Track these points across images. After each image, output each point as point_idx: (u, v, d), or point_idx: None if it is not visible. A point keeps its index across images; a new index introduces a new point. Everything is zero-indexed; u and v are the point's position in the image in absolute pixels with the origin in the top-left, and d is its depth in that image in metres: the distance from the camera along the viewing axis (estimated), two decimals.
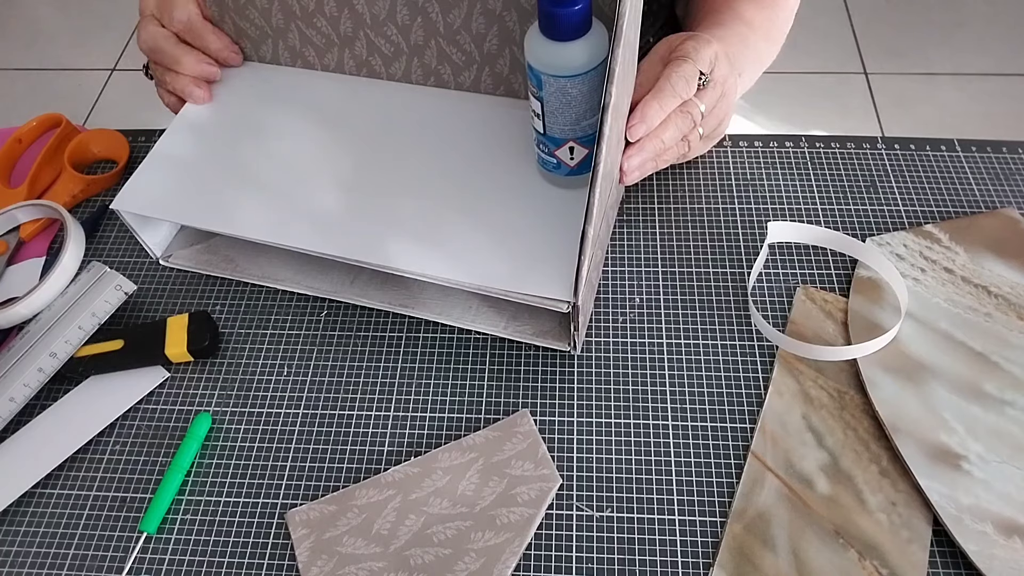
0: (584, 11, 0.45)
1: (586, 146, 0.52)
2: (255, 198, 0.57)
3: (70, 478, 0.54)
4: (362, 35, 0.60)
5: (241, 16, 0.62)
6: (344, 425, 0.54)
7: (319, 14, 0.59)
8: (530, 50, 0.48)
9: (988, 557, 0.46)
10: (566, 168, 0.54)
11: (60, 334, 0.56)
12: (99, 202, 0.68)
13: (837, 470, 0.50)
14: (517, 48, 0.56)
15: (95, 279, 0.59)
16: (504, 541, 0.48)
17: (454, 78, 0.61)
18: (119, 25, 2.10)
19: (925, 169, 0.65)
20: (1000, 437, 0.50)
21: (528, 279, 0.50)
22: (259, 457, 0.54)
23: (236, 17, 0.62)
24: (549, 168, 0.54)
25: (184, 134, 0.61)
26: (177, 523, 0.51)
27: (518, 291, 0.50)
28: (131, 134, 0.72)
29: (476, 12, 0.55)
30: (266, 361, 0.58)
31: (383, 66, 0.62)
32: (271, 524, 0.51)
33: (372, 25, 0.59)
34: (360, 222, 0.55)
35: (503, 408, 0.54)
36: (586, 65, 0.47)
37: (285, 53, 0.64)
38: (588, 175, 0.54)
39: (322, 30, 0.61)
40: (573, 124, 0.50)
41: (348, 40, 0.61)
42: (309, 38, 0.62)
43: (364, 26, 0.59)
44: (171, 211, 0.57)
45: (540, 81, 0.48)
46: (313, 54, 0.63)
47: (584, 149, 0.52)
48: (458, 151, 0.58)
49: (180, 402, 0.56)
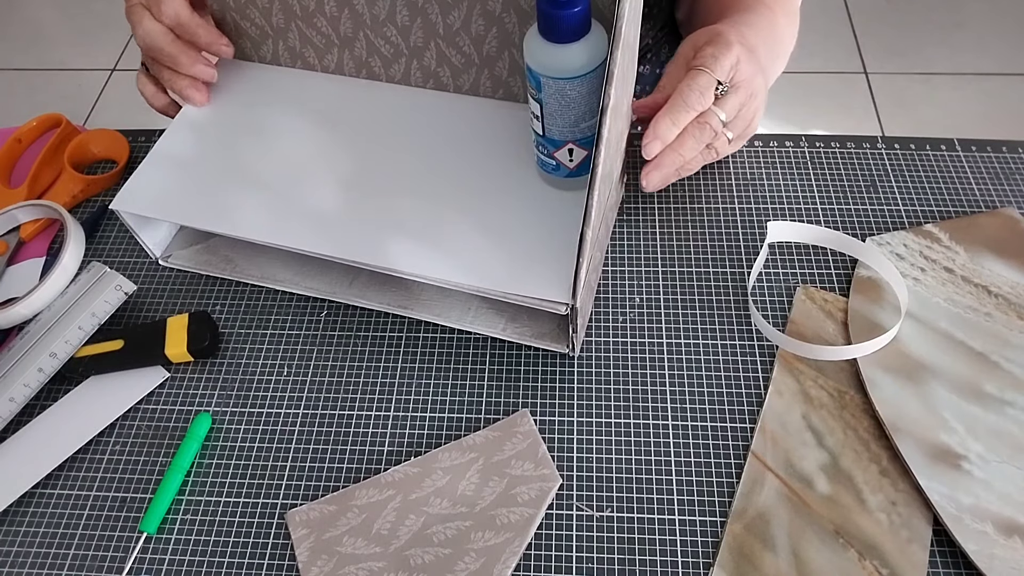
0: (583, 13, 0.45)
1: (585, 148, 0.52)
2: (255, 198, 0.57)
3: (70, 478, 0.54)
4: (362, 36, 0.60)
5: (242, 15, 0.62)
6: (344, 425, 0.54)
7: (319, 14, 0.59)
8: (529, 52, 0.47)
9: (988, 557, 0.46)
10: (565, 170, 0.54)
11: (60, 334, 0.56)
12: (99, 202, 0.68)
13: (837, 470, 0.50)
14: (516, 51, 0.56)
15: (95, 279, 0.59)
16: (504, 541, 0.48)
17: (453, 80, 0.61)
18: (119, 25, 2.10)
19: (925, 169, 0.64)
20: (1000, 437, 0.50)
21: (527, 281, 0.50)
22: (259, 457, 0.54)
23: (237, 16, 0.62)
24: (548, 170, 0.54)
25: (184, 134, 0.61)
26: (177, 523, 0.51)
27: (517, 293, 0.50)
28: (131, 134, 0.72)
29: (476, 14, 0.55)
30: (266, 361, 0.58)
31: (382, 68, 0.62)
32: (271, 524, 0.51)
33: (372, 26, 0.59)
34: (359, 223, 0.55)
35: (503, 408, 0.54)
36: (585, 67, 0.47)
37: (285, 54, 0.64)
38: (587, 176, 0.54)
39: (322, 30, 0.61)
40: (572, 126, 0.50)
41: (348, 41, 0.61)
42: (309, 38, 0.62)
43: (364, 27, 0.59)
44: (170, 211, 0.57)
45: (539, 83, 0.48)
46: (313, 55, 0.63)
47: (583, 151, 0.52)
48: (457, 153, 0.58)
49: (180, 402, 0.56)
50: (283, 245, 0.54)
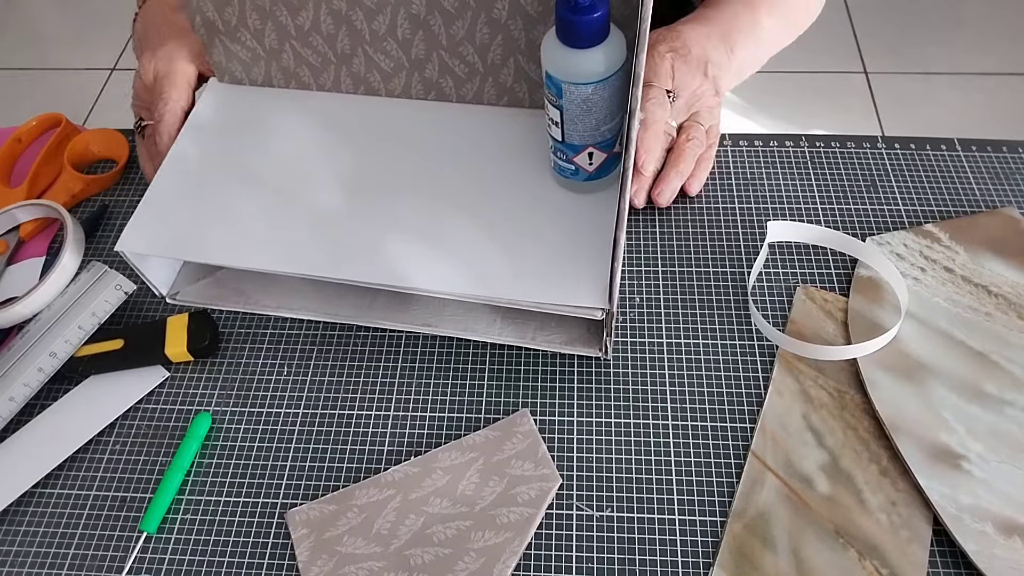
0: (604, 16, 0.44)
1: (605, 151, 0.52)
2: (262, 227, 0.55)
3: (70, 478, 0.54)
4: (360, 52, 0.58)
5: (232, 39, 0.60)
6: (344, 425, 0.54)
7: (315, 32, 0.57)
8: (549, 59, 0.47)
9: (988, 556, 0.46)
10: (584, 174, 0.53)
11: (60, 334, 0.56)
12: (99, 202, 0.68)
13: (837, 470, 0.50)
14: (522, 56, 0.56)
15: (95, 279, 0.59)
16: (504, 541, 0.48)
17: (456, 91, 0.59)
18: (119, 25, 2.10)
19: (925, 168, 0.64)
20: (1000, 437, 0.50)
21: (559, 288, 0.50)
22: (259, 457, 0.54)
23: (227, 40, 0.60)
24: (567, 175, 0.54)
25: (180, 167, 0.59)
26: (177, 523, 0.51)
27: (550, 302, 0.50)
28: (131, 133, 0.72)
29: (480, 22, 0.54)
30: (266, 361, 0.58)
31: (382, 82, 0.60)
32: (271, 524, 0.51)
33: (371, 41, 0.57)
34: (374, 243, 0.53)
35: (503, 408, 0.54)
36: (608, 70, 0.46)
37: (278, 74, 0.62)
38: (606, 179, 0.54)
39: (318, 49, 0.59)
40: (593, 130, 0.50)
41: (346, 58, 0.59)
42: (304, 58, 0.60)
43: (363, 43, 0.57)
44: (176, 248, 0.55)
45: (560, 89, 0.47)
46: (308, 74, 0.61)
47: (603, 154, 0.52)
48: (468, 165, 0.57)
49: (180, 402, 0.56)
50: (299, 273, 0.52)
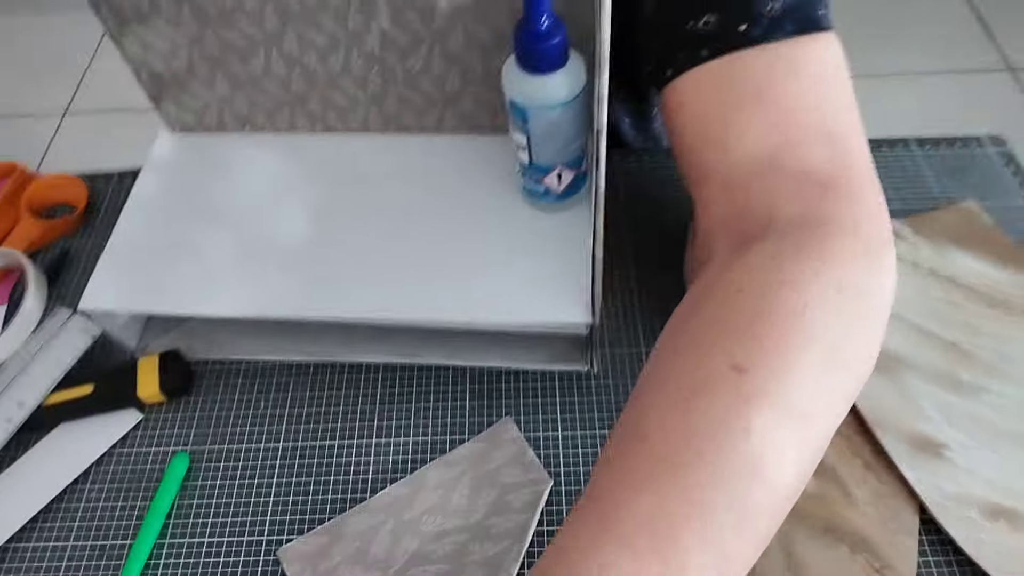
0: (564, 42, 0.45)
1: (573, 168, 0.52)
2: (230, 270, 0.54)
3: (45, 529, 0.52)
4: (315, 92, 0.57)
5: (183, 90, 0.58)
6: (328, 455, 0.54)
7: (267, 77, 0.56)
8: (512, 87, 0.47)
9: (976, 542, 0.47)
10: (553, 195, 0.53)
11: (27, 383, 0.55)
12: (59, 246, 0.66)
13: (822, 467, 0.50)
14: (481, 85, 0.55)
15: (60, 324, 0.57)
16: (503, 549, 0.47)
17: (417, 121, 0.59)
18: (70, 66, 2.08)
19: (882, 167, 0.65)
20: (978, 423, 0.51)
21: (543, 308, 0.50)
22: (242, 495, 0.52)
23: (177, 91, 0.58)
24: (537, 197, 0.54)
25: (139, 219, 0.58)
26: (160, 568, 0.50)
27: (534, 322, 0.50)
28: (89, 178, 0.70)
29: (436, 55, 0.53)
30: (242, 397, 0.57)
31: (338, 119, 0.59)
32: (258, 563, 0.49)
33: (326, 81, 0.56)
34: (347, 277, 0.52)
35: (486, 419, 0.54)
36: (572, 92, 0.47)
37: (231, 120, 0.60)
38: (574, 197, 0.54)
39: (271, 92, 0.57)
40: (561, 149, 0.50)
41: (300, 99, 0.58)
42: (258, 103, 0.58)
43: (317, 84, 0.56)
44: (142, 300, 0.54)
45: (525, 114, 0.48)
46: (262, 117, 0.60)
47: (571, 172, 0.52)
48: (437, 193, 0.57)
49: (156, 443, 0.55)
50: (273, 316, 0.52)
